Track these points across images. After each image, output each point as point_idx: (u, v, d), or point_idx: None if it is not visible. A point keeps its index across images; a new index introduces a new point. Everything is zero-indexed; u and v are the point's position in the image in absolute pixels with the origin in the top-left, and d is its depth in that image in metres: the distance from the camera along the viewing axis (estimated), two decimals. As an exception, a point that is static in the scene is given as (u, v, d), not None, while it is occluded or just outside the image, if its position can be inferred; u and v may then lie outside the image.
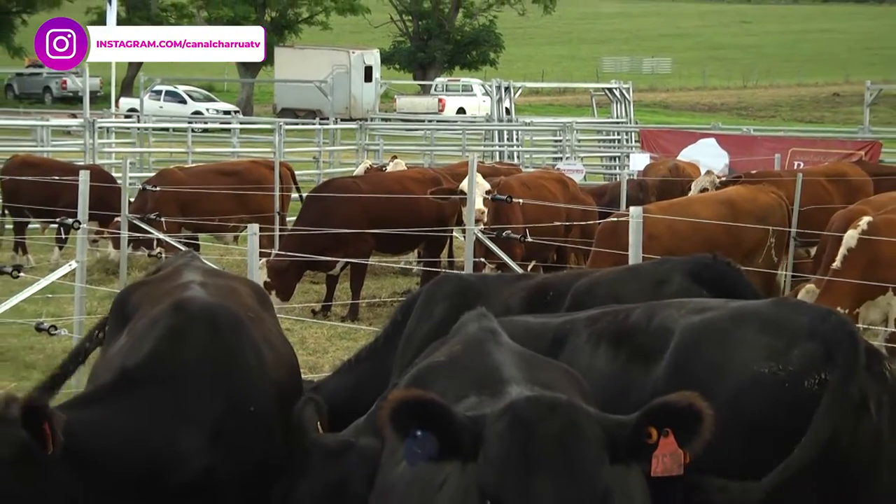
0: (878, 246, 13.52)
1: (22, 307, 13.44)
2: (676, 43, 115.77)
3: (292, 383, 6.68)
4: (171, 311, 6.22)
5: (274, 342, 6.67)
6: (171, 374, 5.93)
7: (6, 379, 13.19)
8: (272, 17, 75.99)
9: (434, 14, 79.87)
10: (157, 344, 6.01)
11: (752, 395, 5.33)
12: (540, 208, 17.48)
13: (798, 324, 5.49)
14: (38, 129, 31.09)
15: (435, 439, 4.15)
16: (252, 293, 7.27)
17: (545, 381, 4.70)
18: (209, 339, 6.11)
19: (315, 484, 5.85)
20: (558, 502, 3.95)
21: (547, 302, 7.04)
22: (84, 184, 14.03)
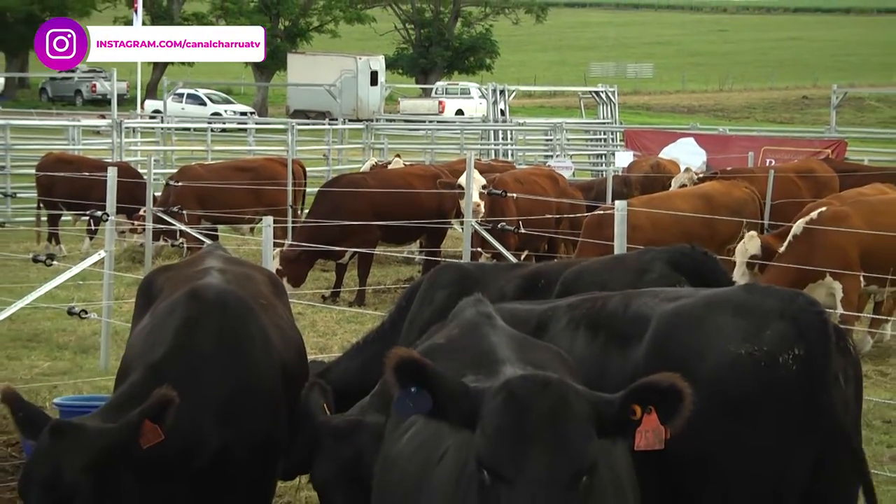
0: (818, 234, 13.61)
1: (55, 293, 13.43)
2: (658, 50, 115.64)
3: (299, 365, 6.67)
4: (187, 297, 6.22)
5: (283, 326, 6.66)
6: (187, 359, 5.93)
7: (41, 359, 13.19)
8: (285, 26, 76.03)
9: (434, 23, 79.94)
10: (176, 332, 5.99)
11: (730, 374, 5.33)
12: (532, 202, 17.50)
13: (768, 306, 5.50)
14: (70, 129, 31.06)
15: (429, 398, 4.16)
16: (267, 281, 7.26)
17: (537, 362, 4.70)
18: (220, 324, 6.11)
19: (331, 463, 5.85)
20: (549, 473, 3.94)
21: (538, 289, 7.03)
22: (112, 179, 14.05)
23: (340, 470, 5.83)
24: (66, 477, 5.32)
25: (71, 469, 5.33)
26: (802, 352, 5.32)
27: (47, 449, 5.36)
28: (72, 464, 5.34)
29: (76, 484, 5.33)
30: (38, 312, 14.37)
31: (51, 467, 5.33)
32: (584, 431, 4.05)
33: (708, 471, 5.31)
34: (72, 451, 5.36)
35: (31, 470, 5.38)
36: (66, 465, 5.34)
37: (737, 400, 5.30)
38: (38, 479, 5.32)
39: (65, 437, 5.38)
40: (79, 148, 28.46)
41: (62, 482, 5.32)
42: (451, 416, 4.18)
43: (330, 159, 30.48)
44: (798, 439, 5.30)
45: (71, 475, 5.33)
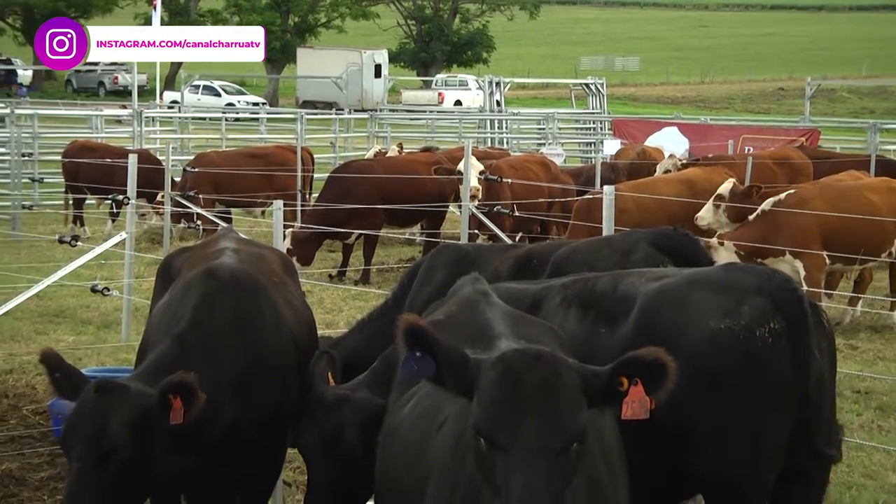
0: (781, 214, 13.69)
1: (79, 272, 13.42)
2: (644, 44, 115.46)
3: (309, 339, 6.65)
4: (203, 275, 6.21)
5: (293, 303, 6.64)
6: (206, 332, 5.91)
7: (66, 333, 13.21)
8: (295, 22, 76.03)
9: (434, 19, 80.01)
10: (195, 307, 5.98)
11: (711, 348, 5.34)
12: (526, 187, 17.50)
13: (747, 283, 5.50)
14: (94, 119, 31.06)
15: (432, 364, 4.17)
16: (279, 261, 7.25)
17: (531, 336, 4.70)
18: (234, 301, 6.10)
19: (315, 431, 5.85)
20: (542, 440, 3.94)
21: (531, 268, 7.03)
22: (133, 165, 14.02)
23: (322, 440, 5.83)
24: (110, 432, 5.26)
25: (116, 425, 5.28)
26: (779, 326, 5.33)
27: (92, 405, 5.30)
28: (117, 420, 5.30)
29: (120, 439, 5.28)
30: (63, 290, 14.37)
31: (96, 422, 5.27)
32: (575, 401, 4.05)
33: (691, 439, 5.31)
34: (116, 408, 5.31)
35: (76, 424, 5.30)
36: (111, 421, 5.29)
37: (717, 371, 5.30)
38: (84, 433, 5.25)
39: (109, 395, 5.35)
40: (102, 136, 28.46)
41: (107, 436, 5.26)
42: (450, 383, 4.18)
43: (336, 147, 30.43)
44: (776, 408, 5.30)
45: (115, 430, 5.27)
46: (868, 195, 14.48)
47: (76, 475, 5.21)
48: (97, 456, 5.23)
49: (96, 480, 5.21)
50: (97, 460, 5.22)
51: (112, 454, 5.25)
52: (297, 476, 8.56)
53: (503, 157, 20.69)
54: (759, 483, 5.33)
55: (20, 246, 19.53)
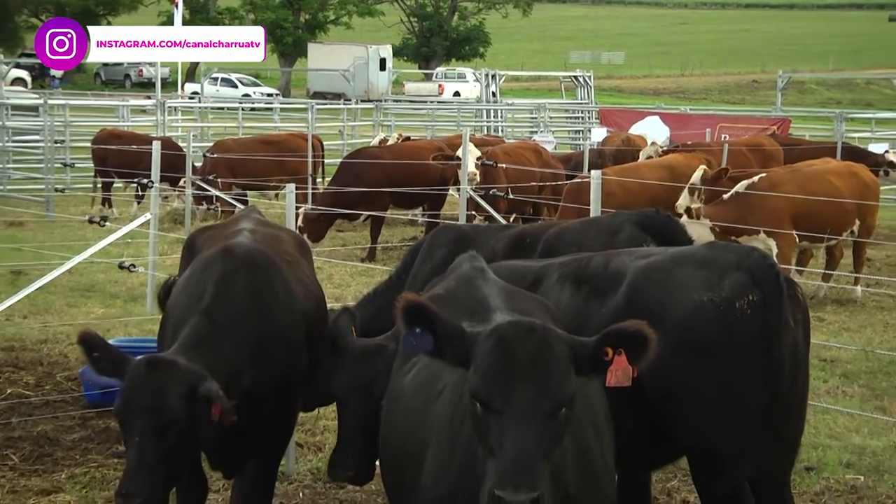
0: (754, 196, 13.73)
1: (108, 249, 13.42)
2: (628, 40, 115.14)
3: (318, 313, 6.64)
4: (221, 253, 6.20)
5: (304, 280, 6.62)
6: (226, 306, 5.90)
7: (96, 306, 13.23)
8: (306, 20, 75.91)
9: (435, 16, 79.95)
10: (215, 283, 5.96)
11: (694, 318, 5.33)
12: (519, 172, 17.49)
13: (727, 259, 5.49)
14: (120, 108, 31.01)
15: (431, 339, 4.17)
16: (293, 241, 7.23)
17: (524, 310, 4.70)
18: (249, 277, 6.08)
19: (352, 378, 5.85)
20: (533, 405, 3.95)
21: (525, 247, 7.02)
22: (156, 152, 14.02)
23: (359, 386, 5.83)
24: (169, 405, 5.25)
25: (173, 398, 5.27)
26: (757, 298, 5.32)
27: (146, 380, 5.28)
28: (173, 393, 5.28)
29: (177, 411, 5.27)
30: (93, 266, 14.38)
31: (154, 396, 5.25)
32: (564, 370, 4.05)
33: (675, 404, 5.30)
34: (170, 382, 5.29)
35: (133, 399, 5.26)
36: (168, 394, 5.27)
37: (700, 340, 5.30)
38: (142, 407, 5.23)
39: (162, 370, 5.33)
40: (128, 124, 28.41)
41: (166, 409, 5.25)
42: (448, 355, 4.19)
43: (344, 135, 30.40)
44: (754, 375, 5.30)
45: (173, 403, 5.26)
46: (832, 179, 14.53)
47: (138, 447, 5.20)
48: (157, 428, 5.22)
49: (156, 451, 5.21)
50: (157, 432, 5.22)
51: (171, 426, 5.24)
52: (307, 438, 8.59)
53: (498, 144, 20.66)
54: (740, 444, 5.32)
55: (53, 226, 19.53)
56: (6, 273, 14.29)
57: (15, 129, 26.39)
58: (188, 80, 58.49)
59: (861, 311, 14.12)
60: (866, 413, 9.49)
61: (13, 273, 14.31)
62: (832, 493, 7.81)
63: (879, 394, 10.32)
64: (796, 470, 7.46)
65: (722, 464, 5.31)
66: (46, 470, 7.89)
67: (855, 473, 8.18)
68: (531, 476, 3.85)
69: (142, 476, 5.16)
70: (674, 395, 5.26)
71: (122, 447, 8.19)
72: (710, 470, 5.35)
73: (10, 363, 10.39)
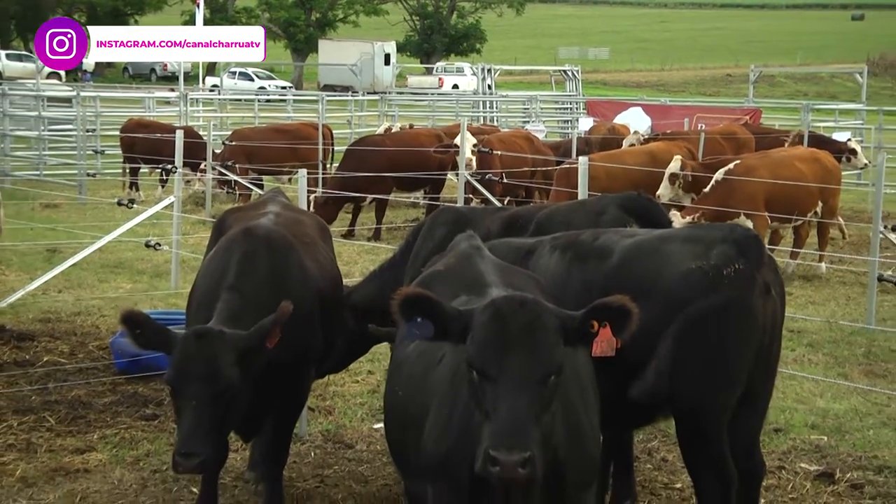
0: (735, 182, 13.73)
1: (135, 229, 13.42)
2: (613, 37, 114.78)
3: (333, 291, 6.63)
4: (242, 234, 6.19)
5: (320, 260, 6.61)
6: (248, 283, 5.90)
7: (124, 282, 13.22)
8: (317, 18, 75.75)
9: (435, 15, 79.79)
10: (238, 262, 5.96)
11: (683, 285, 5.29)
12: (513, 158, 17.47)
13: (713, 235, 5.48)
14: (147, 100, 30.97)
15: (430, 325, 4.16)
16: (314, 224, 7.21)
17: (517, 285, 4.70)
18: (268, 257, 6.08)
19: None
20: (525, 372, 3.95)
21: (518, 227, 7.00)
22: (179, 140, 14.00)
23: None
24: (222, 371, 5.27)
25: (225, 365, 5.29)
26: (742, 266, 5.29)
27: (199, 350, 5.28)
28: (225, 361, 5.30)
29: (231, 377, 5.29)
30: (121, 245, 14.37)
31: (208, 364, 5.26)
32: (553, 340, 4.05)
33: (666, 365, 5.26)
34: (221, 350, 5.31)
35: (187, 367, 5.26)
36: (221, 362, 5.29)
37: (689, 306, 5.25)
38: (198, 375, 5.24)
39: (211, 340, 5.33)
40: (153, 114, 28.37)
41: (220, 376, 5.26)
42: (448, 336, 4.18)
43: (352, 124, 30.33)
44: (739, 338, 5.27)
45: (226, 370, 5.28)
46: (797, 164, 14.54)
47: (195, 411, 5.21)
48: (213, 393, 5.24)
49: (213, 414, 5.25)
50: (213, 397, 5.24)
51: (226, 391, 5.27)
52: (318, 402, 8.60)
53: (493, 132, 20.62)
54: (723, 403, 5.31)
55: (85, 208, 19.51)
56: (42, 251, 14.30)
57: (50, 119, 26.33)
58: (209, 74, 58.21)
59: (825, 285, 14.12)
60: (829, 379, 9.50)
61: (49, 251, 14.31)
62: (798, 452, 7.83)
63: (842, 361, 10.34)
64: (765, 431, 7.48)
65: (705, 424, 5.29)
66: (80, 431, 7.90)
67: (819, 434, 8.20)
68: (523, 438, 3.85)
69: (200, 437, 5.19)
70: (661, 359, 5.22)
71: (149, 410, 8.26)
72: (695, 430, 5.34)
73: (47, 333, 10.39)
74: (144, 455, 7.47)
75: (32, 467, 7.21)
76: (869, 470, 7.48)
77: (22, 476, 7.06)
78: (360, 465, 7.44)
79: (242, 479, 7.04)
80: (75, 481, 7.02)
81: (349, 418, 8.29)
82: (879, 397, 9.10)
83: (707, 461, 5.33)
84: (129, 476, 7.11)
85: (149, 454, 7.49)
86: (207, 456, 5.18)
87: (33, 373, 9.16)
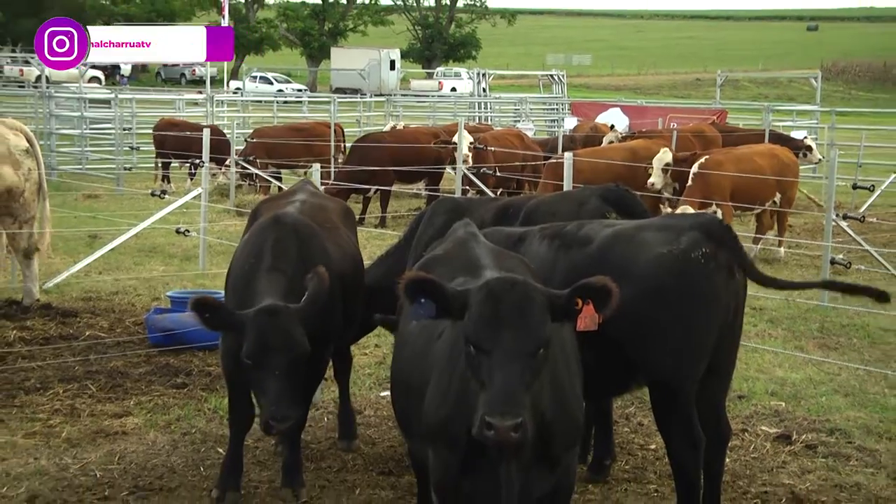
0: (709, 175, 13.76)
1: (167, 217, 13.42)
2: (595, 45, 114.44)
3: (354, 274, 6.60)
4: (272, 221, 6.19)
5: (342, 245, 6.57)
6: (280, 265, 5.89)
7: (157, 264, 13.21)
8: (329, 28, 75.54)
9: (435, 25, 79.62)
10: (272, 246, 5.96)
11: (656, 267, 5.27)
12: (505, 153, 17.47)
13: (684, 223, 5.46)
14: (177, 101, 30.87)
15: (433, 304, 4.15)
16: (339, 211, 7.17)
17: (508, 267, 4.68)
18: (295, 243, 6.05)
19: None
20: (516, 345, 3.95)
21: (509, 215, 6.98)
22: (206, 137, 13.96)
23: None
24: (297, 341, 5.29)
25: (298, 335, 5.31)
26: (709, 249, 5.28)
27: (272, 325, 5.28)
28: (297, 331, 5.32)
29: (305, 345, 5.32)
30: (154, 231, 14.36)
31: (284, 336, 5.27)
32: (541, 317, 4.04)
33: (640, 339, 5.25)
34: (292, 322, 5.33)
35: (266, 341, 5.25)
36: (295, 333, 5.31)
37: (661, 286, 5.23)
38: (277, 346, 5.25)
39: (282, 315, 5.34)
40: (183, 114, 28.29)
41: (297, 345, 5.29)
42: (448, 314, 4.17)
43: (361, 123, 30.26)
44: (706, 314, 5.25)
45: (300, 339, 5.31)
46: (757, 159, 14.58)
47: (278, 380, 5.23)
48: (291, 361, 5.27)
49: (294, 381, 5.29)
50: (292, 365, 5.27)
51: (302, 358, 5.31)
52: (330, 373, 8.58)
53: (488, 130, 20.59)
54: (691, 375, 5.30)
55: (122, 198, 19.48)
56: (84, 237, 14.28)
57: (91, 119, 26.27)
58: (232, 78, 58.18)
59: (784, 267, 14.12)
60: (787, 351, 9.52)
61: (90, 237, 14.29)
62: (759, 417, 7.84)
63: (798, 336, 10.35)
64: (730, 398, 7.50)
65: (676, 391, 5.29)
66: (118, 398, 7.90)
67: (778, 400, 8.21)
68: (515, 405, 3.85)
69: (289, 401, 5.23)
70: (638, 333, 5.21)
71: (179, 380, 8.25)
72: (667, 397, 5.34)
73: (88, 311, 10.39)
74: (175, 419, 7.47)
75: (76, 430, 7.22)
76: (822, 432, 7.50)
77: (67, 437, 7.08)
78: (368, 428, 7.44)
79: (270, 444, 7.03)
80: (114, 442, 7.02)
81: (358, 387, 8.28)
82: (832, 367, 9.12)
83: (677, 425, 5.33)
84: (162, 438, 7.12)
85: (179, 418, 7.49)
86: (298, 417, 5.25)
87: (76, 346, 9.17)
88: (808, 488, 6.51)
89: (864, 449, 7.19)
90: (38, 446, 6.91)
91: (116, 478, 6.43)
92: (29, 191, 10.35)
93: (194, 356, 8.87)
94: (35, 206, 10.50)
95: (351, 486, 6.42)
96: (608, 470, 6.65)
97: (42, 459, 6.68)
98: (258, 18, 76.44)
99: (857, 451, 7.14)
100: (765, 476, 6.71)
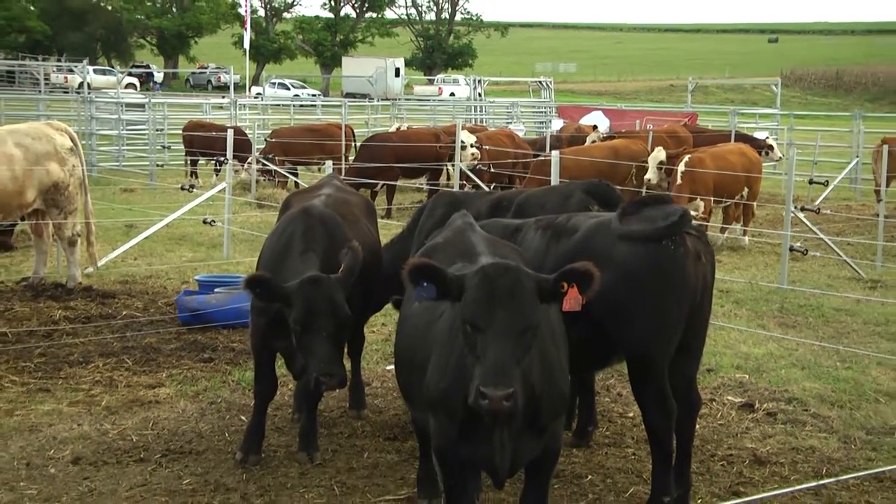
0: (693, 172, 13.74)
1: (195, 209, 13.39)
2: (579, 54, 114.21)
3: (370, 259, 6.55)
4: (300, 213, 6.19)
5: (362, 234, 6.55)
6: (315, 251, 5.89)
7: (186, 251, 13.19)
8: (341, 39, 75.42)
9: (436, 37, 79.51)
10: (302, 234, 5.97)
11: (631, 255, 5.25)
12: (498, 152, 17.43)
13: (655, 214, 5.42)
14: (204, 105, 30.79)
15: (434, 288, 4.14)
16: (361, 204, 7.14)
17: (501, 254, 4.67)
18: (322, 232, 6.05)
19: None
20: (508, 325, 3.94)
21: (502, 208, 6.95)
22: (230, 137, 13.92)
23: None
24: (342, 306, 5.34)
25: (341, 300, 5.36)
26: (678, 239, 5.26)
27: (319, 292, 5.31)
28: (340, 297, 5.36)
29: (346, 310, 5.36)
30: (184, 222, 14.34)
31: (331, 302, 5.30)
32: (531, 299, 4.03)
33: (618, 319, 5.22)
34: (336, 290, 5.37)
35: (314, 306, 5.28)
36: (338, 299, 5.35)
37: (636, 271, 5.21)
38: (325, 311, 5.28)
39: (322, 283, 5.37)
40: (209, 117, 28.21)
41: (342, 309, 5.33)
42: (447, 296, 4.16)
43: (369, 125, 30.21)
44: (677, 297, 5.23)
45: (343, 304, 5.35)
46: (728, 157, 14.57)
47: (326, 342, 5.27)
48: (337, 325, 5.30)
49: (339, 342, 5.38)
50: (338, 328, 5.31)
51: (347, 322, 5.36)
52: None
53: (482, 131, 20.55)
54: (664, 351, 5.28)
55: (154, 192, 19.45)
56: (121, 226, 14.26)
57: (128, 121, 26.24)
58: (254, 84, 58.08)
59: (748, 254, 14.12)
60: (751, 329, 9.51)
61: (126, 226, 14.27)
62: (726, 388, 7.84)
63: (760, 315, 10.35)
64: (700, 371, 7.47)
65: (651, 365, 5.28)
66: (152, 371, 7.90)
67: (742, 373, 8.21)
68: (507, 377, 3.85)
69: (337, 360, 5.27)
70: (616, 314, 5.21)
71: (206, 355, 8.24)
72: (643, 370, 5.33)
73: (125, 293, 10.38)
74: (203, 390, 7.47)
75: (114, 399, 7.22)
76: (781, 401, 7.51)
77: (107, 406, 7.08)
78: (375, 398, 7.44)
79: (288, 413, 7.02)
80: (148, 410, 7.03)
81: (366, 361, 8.27)
82: (790, 344, 9.12)
83: (652, 395, 5.32)
84: (191, 407, 7.12)
85: (206, 389, 7.48)
86: (343, 375, 5.24)
87: (114, 324, 9.16)
88: (768, 451, 6.52)
89: (818, 416, 7.20)
90: (81, 413, 6.92)
91: (150, 442, 6.44)
92: (73, 185, 10.49)
93: (219, 334, 8.87)
94: (78, 198, 10.59)
95: (360, 450, 6.42)
96: (591, 436, 6.64)
97: (84, 425, 6.69)
98: (277, 31, 76.36)
99: (812, 418, 7.15)
100: (730, 440, 6.72)
